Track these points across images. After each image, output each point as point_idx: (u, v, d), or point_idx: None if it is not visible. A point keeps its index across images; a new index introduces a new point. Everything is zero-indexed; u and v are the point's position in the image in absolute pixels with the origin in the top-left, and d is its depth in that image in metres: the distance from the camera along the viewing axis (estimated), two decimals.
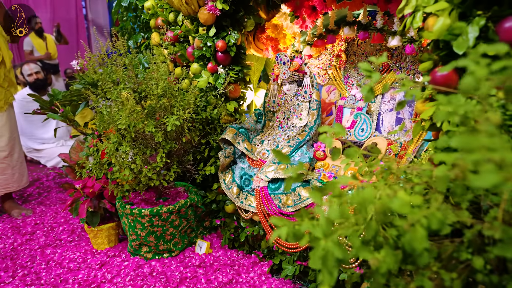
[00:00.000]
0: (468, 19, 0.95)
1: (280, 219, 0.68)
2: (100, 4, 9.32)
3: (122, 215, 1.80)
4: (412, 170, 0.81)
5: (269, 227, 1.60)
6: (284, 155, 0.66)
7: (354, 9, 1.58)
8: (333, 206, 0.63)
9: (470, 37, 0.93)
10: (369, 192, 0.63)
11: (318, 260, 0.62)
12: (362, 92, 0.74)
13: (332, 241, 0.60)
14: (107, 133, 1.89)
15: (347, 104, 1.83)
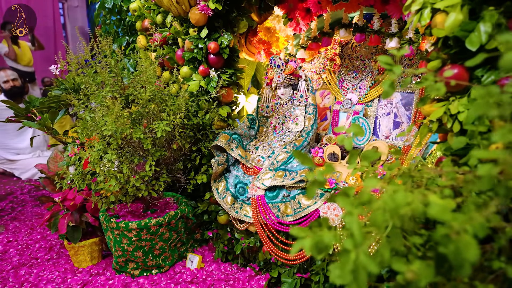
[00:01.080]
0: (479, 15, 0.92)
1: (301, 229, 0.60)
2: (79, 12, 9.10)
3: (106, 229, 1.66)
4: (436, 172, 0.75)
5: (267, 237, 1.51)
6: (306, 157, 0.58)
7: (350, 11, 1.54)
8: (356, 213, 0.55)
9: (483, 33, 0.90)
10: (402, 197, 0.56)
11: (349, 275, 0.54)
12: (383, 87, 0.68)
13: (364, 253, 0.53)
14: (90, 141, 1.76)
15: (343, 108, 1.79)
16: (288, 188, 1.47)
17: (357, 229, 0.51)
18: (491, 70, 0.95)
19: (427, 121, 1.16)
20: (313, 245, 0.56)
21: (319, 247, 0.57)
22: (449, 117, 1.01)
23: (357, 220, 0.52)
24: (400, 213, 0.54)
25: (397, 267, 0.56)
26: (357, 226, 0.51)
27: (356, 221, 0.52)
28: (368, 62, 1.74)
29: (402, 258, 0.58)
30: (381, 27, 1.53)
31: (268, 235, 1.50)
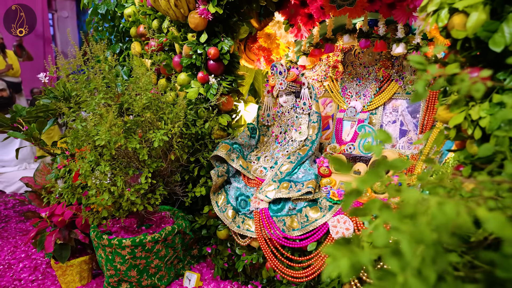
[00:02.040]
0: (501, 15, 0.87)
1: (336, 247, 0.51)
2: (69, 23, 9.00)
3: (97, 247, 1.54)
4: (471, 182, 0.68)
5: (271, 253, 1.41)
6: (344, 164, 0.50)
7: (354, 16, 1.50)
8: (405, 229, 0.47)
9: (507, 34, 0.85)
10: (452, 210, 0.48)
11: None
12: (417, 88, 0.61)
13: (412, 275, 0.45)
14: (81, 151, 1.66)
15: (347, 116, 1.73)
16: (294, 201, 1.38)
17: (408, 247, 0.43)
18: None
19: (443, 127, 1.10)
20: (351, 266, 0.48)
21: (357, 268, 0.49)
22: (470, 123, 0.95)
23: (407, 237, 0.44)
24: (450, 227, 0.47)
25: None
26: (407, 244, 0.44)
27: (407, 238, 0.44)
28: (372, 69, 1.70)
29: (450, 282, 0.50)
30: (386, 33, 1.49)
31: (272, 251, 1.41)
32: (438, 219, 0.47)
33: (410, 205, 0.49)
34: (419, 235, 0.44)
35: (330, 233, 1.27)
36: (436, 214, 0.47)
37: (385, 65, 1.62)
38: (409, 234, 0.44)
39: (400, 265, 0.44)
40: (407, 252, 0.43)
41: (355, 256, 0.48)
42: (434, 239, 0.46)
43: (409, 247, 0.43)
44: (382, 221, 0.66)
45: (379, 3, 1.41)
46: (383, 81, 1.66)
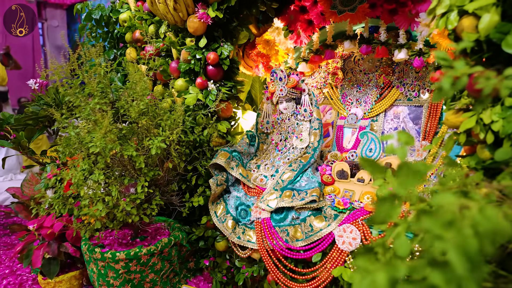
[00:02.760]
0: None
1: (369, 260, 0.46)
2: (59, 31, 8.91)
3: (89, 261, 1.46)
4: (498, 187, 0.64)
5: (273, 265, 1.35)
6: (376, 166, 0.46)
7: (355, 22, 1.49)
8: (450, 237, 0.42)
9: None
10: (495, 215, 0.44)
11: None
12: (443, 85, 0.58)
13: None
14: (72, 160, 1.58)
15: (348, 123, 1.70)
16: (298, 210, 1.33)
17: (457, 258, 0.39)
18: None
19: (451, 132, 1.07)
20: (389, 281, 0.43)
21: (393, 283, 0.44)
22: (482, 127, 0.93)
23: (455, 247, 0.40)
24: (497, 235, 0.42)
25: None
26: (456, 254, 0.39)
27: (455, 248, 0.39)
28: (372, 76, 1.68)
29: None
30: (387, 39, 1.48)
31: (274, 263, 1.35)
32: (483, 225, 0.42)
33: (448, 211, 0.45)
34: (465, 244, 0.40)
35: (336, 243, 1.22)
36: (480, 220, 0.43)
37: (386, 72, 1.61)
38: (456, 243, 0.39)
39: (446, 278, 0.40)
40: (457, 263, 0.38)
41: (394, 269, 0.43)
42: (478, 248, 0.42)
43: (458, 258, 0.39)
44: (403, 229, 0.61)
45: (381, 8, 1.40)
46: (384, 88, 1.64)
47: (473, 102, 0.98)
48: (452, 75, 0.56)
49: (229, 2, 1.41)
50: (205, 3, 1.41)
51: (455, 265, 0.38)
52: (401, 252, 0.51)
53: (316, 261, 1.26)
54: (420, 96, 1.54)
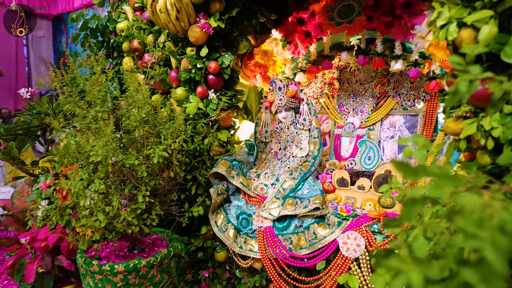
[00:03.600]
0: (509, 29, 0.91)
1: (402, 260, 0.47)
2: (44, 42, 8.78)
3: (85, 274, 1.41)
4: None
5: (277, 274, 1.34)
6: (409, 167, 0.47)
7: (352, 33, 1.53)
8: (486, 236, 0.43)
9: None
10: None
11: None
12: (460, 88, 0.60)
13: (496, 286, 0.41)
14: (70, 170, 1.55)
15: (345, 132, 1.73)
16: (301, 218, 1.34)
17: (494, 255, 0.40)
18: None
19: (451, 139, 1.11)
20: (423, 278, 0.44)
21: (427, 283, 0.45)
22: (483, 134, 0.96)
23: (490, 244, 0.41)
24: None
25: None
26: (493, 252, 0.40)
27: (493, 245, 0.40)
28: (368, 86, 1.73)
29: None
30: (384, 50, 1.53)
31: (278, 272, 1.34)
32: (510, 223, 0.44)
33: (476, 210, 0.46)
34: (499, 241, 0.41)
35: (340, 250, 1.23)
36: (506, 218, 0.44)
37: (382, 82, 1.66)
38: (492, 241, 0.40)
39: (481, 276, 0.41)
40: (494, 260, 0.39)
41: (428, 269, 0.44)
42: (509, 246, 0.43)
43: (495, 255, 0.40)
44: (420, 231, 0.63)
45: (377, 21, 1.45)
46: (380, 98, 1.68)
47: (472, 110, 1.02)
48: (468, 78, 0.59)
49: (230, 12, 1.43)
50: (207, 13, 1.43)
51: (492, 262, 0.39)
52: (419, 253, 0.52)
53: (320, 269, 1.26)
54: (415, 105, 1.58)
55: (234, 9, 1.43)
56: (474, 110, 1.01)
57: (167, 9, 1.38)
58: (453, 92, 0.61)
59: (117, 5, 2.03)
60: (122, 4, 1.90)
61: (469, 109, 1.03)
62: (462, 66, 0.60)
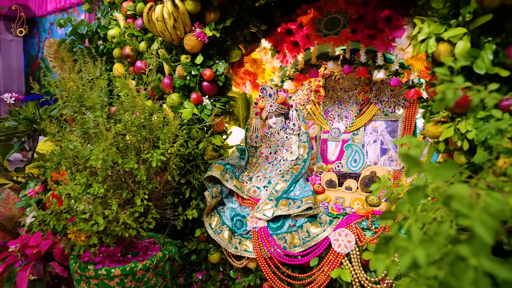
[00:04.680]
0: (479, 44, 1.03)
1: (407, 240, 0.55)
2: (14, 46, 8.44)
3: (80, 280, 1.40)
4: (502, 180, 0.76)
5: (272, 272, 1.40)
6: (415, 161, 0.56)
7: (338, 44, 1.64)
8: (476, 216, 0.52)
9: (486, 60, 1.00)
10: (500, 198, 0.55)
11: (469, 285, 0.50)
12: (448, 96, 0.70)
13: (486, 259, 0.50)
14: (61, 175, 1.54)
15: (331, 137, 1.83)
16: (294, 217, 1.41)
17: (484, 231, 0.48)
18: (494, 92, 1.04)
19: (432, 142, 1.23)
20: (427, 255, 0.52)
21: (430, 257, 0.53)
22: (460, 136, 1.08)
23: (479, 222, 0.49)
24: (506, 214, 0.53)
25: (503, 274, 0.54)
26: (482, 227, 0.49)
27: (482, 222, 0.49)
28: (352, 93, 1.84)
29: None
30: (367, 60, 1.65)
31: (273, 270, 1.40)
32: (494, 206, 0.53)
33: (466, 196, 0.55)
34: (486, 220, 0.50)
35: (332, 247, 1.31)
36: (490, 202, 0.53)
37: (364, 90, 1.78)
38: (480, 220, 0.49)
39: (472, 250, 0.49)
40: (484, 234, 0.48)
41: (430, 246, 0.52)
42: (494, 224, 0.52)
43: (484, 230, 0.48)
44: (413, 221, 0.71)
45: (361, 34, 1.57)
46: (363, 104, 1.80)
47: (450, 115, 1.14)
48: (453, 87, 0.68)
49: (224, 22, 1.50)
50: (202, 22, 1.49)
51: (482, 236, 0.48)
52: (416, 238, 0.61)
53: (313, 265, 1.33)
54: (395, 112, 1.71)
55: (228, 19, 1.50)
56: (451, 115, 1.13)
57: (164, 18, 1.43)
58: (440, 99, 0.70)
59: (106, 11, 2.05)
60: (112, 11, 1.92)
61: (447, 115, 1.14)
62: (448, 76, 0.70)
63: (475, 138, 1.04)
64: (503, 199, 0.54)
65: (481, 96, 0.72)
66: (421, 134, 1.61)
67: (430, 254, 0.52)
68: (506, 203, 0.53)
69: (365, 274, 1.24)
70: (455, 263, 0.52)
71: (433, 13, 1.14)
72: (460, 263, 0.51)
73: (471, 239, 0.51)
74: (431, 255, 0.53)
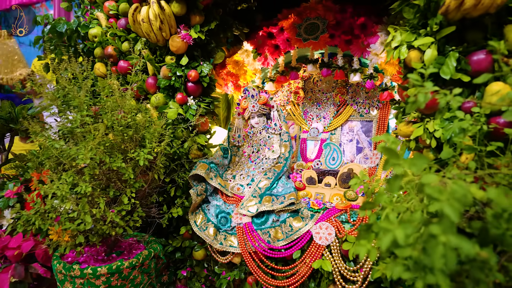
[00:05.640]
0: (444, 52, 1.15)
1: (389, 222, 0.63)
2: None
3: (64, 280, 1.39)
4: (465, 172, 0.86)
5: (256, 266, 1.46)
6: (394, 153, 0.63)
7: (317, 48, 1.73)
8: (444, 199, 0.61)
9: (450, 66, 1.12)
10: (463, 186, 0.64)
11: (439, 260, 0.59)
12: (420, 99, 0.79)
13: (454, 236, 0.58)
14: (41, 176, 1.52)
15: (310, 136, 1.92)
16: (278, 213, 1.48)
17: (452, 211, 0.57)
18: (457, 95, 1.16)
19: (404, 140, 1.34)
20: (405, 234, 0.60)
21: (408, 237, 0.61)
22: (428, 135, 1.19)
23: (449, 204, 0.58)
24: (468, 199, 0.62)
25: (467, 248, 0.62)
26: (450, 208, 0.57)
27: (449, 204, 0.58)
28: (329, 95, 1.94)
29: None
30: (344, 64, 1.75)
31: (257, 263, 1.46)
32: (459, 191, 0.62)
33: (436, 184, 0.64)
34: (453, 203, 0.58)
35: (313, 239, 1.39)
36: (455, 188, 0.62)
37: (341, 92, 1.88)
38: (448, 203, 0.58)
39: (442, 228, 0.58)
40: (451, 214, 0.56)
41: (407, 226, 0.60)
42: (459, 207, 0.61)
43: (452, 211, 0.57)
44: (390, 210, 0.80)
45: (339, 39, 1.66)
46: (340, 105, 1.91)
47: (419, 116, 1.26)
48: (424, 91, 0.77)
49: (209, 25, 1.55)
50: (187, 25, 1.53)
51: (449, 216, 0.56)
52: (446, 212, 0.69)
53: (296, 258, 1.40)
54: (370, 113, 1.83)
55: (213, 22, 1.55)
56: (421, 116, 1.24)
57: (150, 19, 1.45)
58: (412, 102, 0.79)
59: (86, 10, 2.03)
60: (93, 10, 1.91)
61: (417, 115, 1.26)
62: (419, 82, 0.79)
63: (441, 137, 1.16)
64: (466, 187, 0.64)
65: (447, 99, 0.82)
66: (394, 133, 1.74)
67: (408, 234, 0.61)
68: (468, 190, 0.62)
69: (345, 264, 1.33)
70: (427, 241, 0.60)
71: (405, 22, 1.24)
72: (432, 241, 0.59)
73: (440, 219, 0.59)
74: (409, 234, 0.61)
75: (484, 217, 0.73)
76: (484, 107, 1.06)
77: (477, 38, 1.11)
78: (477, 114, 1.02)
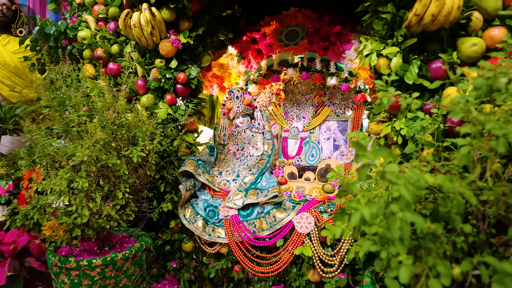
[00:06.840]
0: (408, 60, 1.31)
1: (354, 202, 0.77)
2: None
3: (59, 273, 1.46)
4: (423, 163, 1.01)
5: (243, 255, 1.58)
6: (362, 146, 0.77)
7: (297, 53, 1.87)
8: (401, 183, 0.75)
9: (413, 72, 1.28)
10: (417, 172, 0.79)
11: (396, 231, 0.73)
12: (383, 102, 0.93)
13: (409, 211, 0.73)
14: (34, 173, 1.57)
15: (291, 135, 2.06)
16: (262, 205, 1.60)
17: (407, 192, 0.71)
18: (417, 98, 1.33)
19: (375, 137, 1.50)
20: (371, 212, 0.73)
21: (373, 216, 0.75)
22: (395, 133, 1.35)
23: (404, 186, 0.72)
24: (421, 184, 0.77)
25: (419, 222, 0.77)
26: (406, 190, 0.71)
27: (405, 187, 0.72)
28: (308, 97, 2.09)
29: None
30: (322, 68, 1.90)
31: (244, 252, 1.58)
32: (413, 177, 0.76)
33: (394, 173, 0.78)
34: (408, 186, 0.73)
35: (295, 228, 1.52)
36: (411, 175, 0.77)
37: (319, 93, 2.03)
38: (404, 186, 0.72)
39: (399, 206, 0.72)
40: (406, 195, 0.71)
41: (372, 206, 0.74)
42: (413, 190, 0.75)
43: (407, 192, 0.71)
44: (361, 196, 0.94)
45: (317, 45, 1.81)
46: (318, 106, 2.06)
47: (388, 116, 1.42)
48: (387, 95, 0.92)
49: (197, 30, 1.65)
50: (176, 30, 1.62)
51: (405, 197, 0.71)
52: (402, 193, 0.83)
53: (279, 246, 1.54)
54: (345, 113, 1.99)
55: (200, 28, 1.65)
56: (389, 116, 1.41)
57: (141, 25, 1.54)
58: (379, 104, 0.94)
59: (73, 12, 2.07)
60: (82, 13, 1.96)
61: (386, 116, 1.42)
62: (384, 87, 0.94)
63: (406, 134, 1.32)
64: (420, 174, 0.78)
65: (407, 102, 0.97)
66: (367, 131, 1.90)
67: (373, 212, 0.74)
68: (421, 176, 0.77)
69: (323, 250, 1.47)
70: (389, 218, 0.74)
71: (375, 33, 1.40)
72: (392, 217, 0.74)
73: (398, 199, 0.74)
74: (374, 213, 0.75)
75: (437, 199, 0.88)
76: (441, 108, 1.22)
77: (435, 48, 1.28)
78: (435, 115, 1.19)
